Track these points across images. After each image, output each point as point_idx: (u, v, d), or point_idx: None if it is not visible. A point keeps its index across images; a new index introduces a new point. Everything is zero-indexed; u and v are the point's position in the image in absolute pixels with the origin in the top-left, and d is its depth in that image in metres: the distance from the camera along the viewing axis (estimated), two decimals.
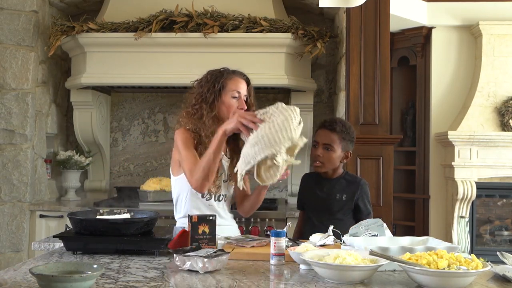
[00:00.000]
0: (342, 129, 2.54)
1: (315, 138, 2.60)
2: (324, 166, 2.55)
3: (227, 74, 2.30)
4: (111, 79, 3.84)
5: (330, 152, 2.53)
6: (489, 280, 1.63)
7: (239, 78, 2.31)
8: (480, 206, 5.09)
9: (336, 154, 2.54)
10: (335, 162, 2.55)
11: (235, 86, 2.28)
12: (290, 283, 1.58)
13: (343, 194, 2.55)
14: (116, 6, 3.97)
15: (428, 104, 5.09)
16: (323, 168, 2.56)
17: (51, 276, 1.35)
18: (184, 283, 1.54)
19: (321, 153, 2.53)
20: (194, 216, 1.93)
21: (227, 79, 2.29)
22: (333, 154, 2.53)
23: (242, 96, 2.29)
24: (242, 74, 2.33)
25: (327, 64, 4.42)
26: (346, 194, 2.55)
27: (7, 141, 3.88)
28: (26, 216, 3.85)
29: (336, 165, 2.58)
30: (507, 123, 4.78)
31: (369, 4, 3.50)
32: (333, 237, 2.11)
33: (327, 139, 2.54)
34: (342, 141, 2.54)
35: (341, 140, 2.53)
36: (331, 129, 2.54)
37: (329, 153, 2.53)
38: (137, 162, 4.45)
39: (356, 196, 2.55)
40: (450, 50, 5.04)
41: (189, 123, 2.27)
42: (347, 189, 2.56)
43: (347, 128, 2.57)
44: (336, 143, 2.53)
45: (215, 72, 2.32)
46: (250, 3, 3.89)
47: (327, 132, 2.55)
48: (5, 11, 3.90)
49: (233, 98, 2.27)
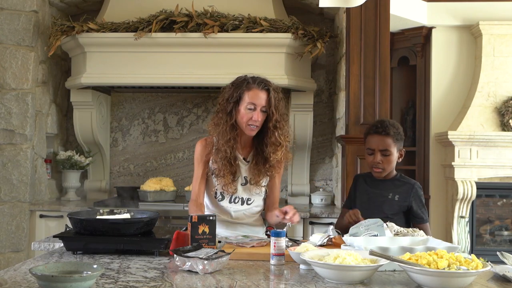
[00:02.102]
0: (395, 131, 2.56)
1: (369, 146, 2.58)
2: (385, 170, 2.57)
3: (247, 85, 2.35)
4: (111, 79, 3.84)
5: (388, 157, 2.54)
6: (489, 280, 1.63)
7: (257, 90, 2.33)
8: (480, 206, 5.09)
9: (394, 157, 2.56)
10: (393, 164, 2.59)
11: (251, 98, 2.32)
12: (290, 283, 1.58)
13: (396, 194, 2.56)
14: (116, 6, 3.97)
15: (428, 104, 5.09)
16: (384, 173, 2.58)
17: (51, 276, 1.36)
18: (184, 283, 1.54)
19: (380, 160, 2.54)
20: (194, 216, 1.93)
21: (245, 90, 2.34)
22: (391, 157, 2.55)
23: (259, 108, 2.32)
24: (262, 84, 2.34)
25: (327, 64, 4.42)
26: (399, 194, 2.56)
27: (7, 141, 3.88)
28: (26, 216, 3.85)
29: (394, 166, 2.61)
30: (507, 123, 4.78)
31: (369, 4, 3.50)
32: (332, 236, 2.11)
33: (383, 144, 2.54)
34: (396, 142, 2.56)
35: (395, 142, 2.55)
36: (385, 134, 2.54)
37: (387, 158, 2.54)
38: (137, 162, 4.45)
39: (410, 198, 2.55)
40: (450, 50, 5.04)
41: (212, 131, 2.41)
42: (401, 190, 2.57)
43: (397, 128, 2.59)
44: (392, 147, 2.54)
45: (238, 81, 2.39)
46: (250, 3, 3.89)
47: (382, 138, 2.55)
48: (5, 11, 3.90)
49: (249, 110, 2.32)
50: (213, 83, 3.74)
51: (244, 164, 2.42)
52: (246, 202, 2.44)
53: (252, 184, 2.41)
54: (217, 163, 2.38)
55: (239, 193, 2.43)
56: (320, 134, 4.38)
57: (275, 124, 2.33)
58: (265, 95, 2.33)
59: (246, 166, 2.41)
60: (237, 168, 2.39)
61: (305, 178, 4.24)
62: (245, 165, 2.42)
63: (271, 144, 2.34)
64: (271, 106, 2.32)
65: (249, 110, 2.31)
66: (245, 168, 2.41)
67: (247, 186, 2.42)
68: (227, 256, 1.73)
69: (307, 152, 4.20)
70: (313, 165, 4.34)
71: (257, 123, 2.32)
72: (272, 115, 2.33)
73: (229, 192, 2.40)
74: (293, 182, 4.22)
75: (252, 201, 2.46)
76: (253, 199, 2.46)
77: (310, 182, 4.27)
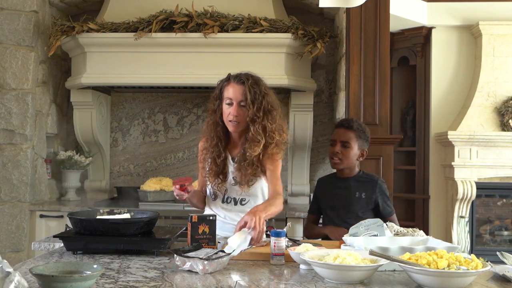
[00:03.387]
0: (359, 128, 2.65)
1: (333, 137, 2.69)
2: (342, 162, 2.64)
3: (225, 82, 2.35)
4: (111, 79, 3.84)
5: (347, 149, 2.63)
6: (489, 280, 1.63)
7: (233, 84, 2.31)
8: (480, 206, 5.09)
9: (353, 151, 2.63)
10: (352, 159, 2.64)
11: (227, 93, 2.31)
12: (290, 283, 1.58)
13: (362, 192, 2.62)
14: (116, 6, 3.97)
15: (428, 104, 5.09)
16: (341, 164, 2.65)
17: (51, 276, 1.35)
18: (184, 283, 1.54)
19: (339, 150, 2.63)
20: (194, 216, 1.94)
21: (224, 87, 2.34)
22: (350, 151, 2.63)
23: (236, 103, 2.29)
24: (238, 78, 2.31)
25: (327, 64, 4.42)
26: (365, 192, 2.62)
27: (7, 141, 3.88)
28: (26, 216, 3.85)
29: (353, 162, 2.66)
30: (507, 123, 4.79)
31: (369, 4, 3.50)
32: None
33: (344, 136, 2.63)
34: (359, 139, 2.64)
35: (357, 138, 2.63)
36: (348, 127, 2.65)
37: (346, 150, 2.63)
38: (137, 162, 4.44)
39: (375, 194, 2.62)
40: (450, 50, 5.04)
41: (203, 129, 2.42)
42: (366, 187, 2.63)
43: (363, 128, 2.68)
44: (352, 141, 2.63)
45: (220, 81, 2.38)
46: (250, 3, 3.89)
47: (344, 130, 2.65)
48: (5, 11, 3.90)
49: (227, 105, 2.30)
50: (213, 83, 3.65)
51: (232, 164, 2.38)
52: (239, 203, 2.39)
53: (243, 185, 2.34)
54: (207, 162, 2.37)
55: (230, 193, 2.39)
56: (320, 134, 4.38)
57: (253, 118, 2.26)
58: (242, 89, 2.28)
59: (233, 166, 2.37)
60: (226, 168, 2.36)
61: (305, 178, 4.24)
62: (232, 165, 2.37)
63: (248, 140, 2.29)
64: (247, 100, 2.26)
65: (227, 105, 2.30)
66: (233, 168, 2.37)
67: (237, 186, 2.37)
68: (227, 256, 1.73)
69: (307, 152, 4.19)
70: (313, 165, 4.34)
71: (235, 118, 2.27)
72: (249, 109, 2.26)
73: (221, 191, 2.38)
74: (293, 182, 4.22)
75: (246, 201, 2.39)
76: (247, 200, 2.39)
77: (310, 182, 4.27)
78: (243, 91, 2.27)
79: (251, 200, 2.39)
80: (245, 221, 2.02)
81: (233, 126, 2.30)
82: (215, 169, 2.35)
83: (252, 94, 2.27)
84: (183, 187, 2.23)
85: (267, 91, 2.33)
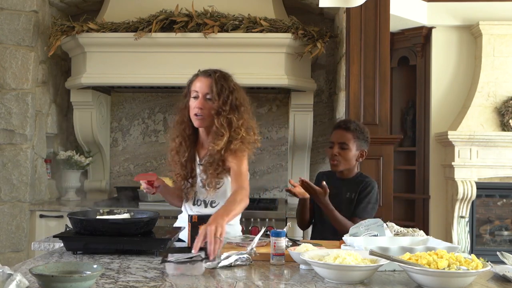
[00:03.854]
0: (356, 128, 2.62)
1: (331, 139, 2.67)
2: (341, 164, 2.61)
3: (193, 77, 2.31)
4: (111, 79, 3.84)
5: (346, 151, 2.60)
6: (489, 280, 1.63)
7: (200, 77, 2.27)
8: (480, 206, 5.09)
9: (352, 152, 2.61)
10: (351, 160, 2.62)
11: (194, 86, 2.26)
12: (290, 283, 1.58)
13: (352, 193, 2.60)
14: (116, 6, 3.97)
15: (428, 104, 5.09)
16: (339, 166, 2.62)
17: (51, 276, 1.35)
18: (184, 283, 1.54)
19: (337, 152, 2.60)
20: (194, 216, 1.94)
21: (191, 82, 2.30)
22: (349, 152, 2.60)
23: (201, 95, 2.23)
24: (205, 72, 2.27)
25: (327, 64, 4.42)
26: (355, 193, 2.60)
27: (7, 141, 3.88)
28: (26, 216, 3.85)
29: (352, 163, 2.64)
30: (507, 123, 4.78)
31: (369, 4, 3.50)
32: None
33: (342, 138, 2.61)
34: (357, 140, 2.61)
35: (355, 139, 2.61)
36: (345, 128, 2.62)
37: (345, 152, 2.60)
38: (137, 162, 4.44)
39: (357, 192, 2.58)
40: (450, 50, 5.04)
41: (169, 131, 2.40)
42: (356, 189, 2.60)
43: (361, 128, 2.65)
44: (350, 142, 2.60)
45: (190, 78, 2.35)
46: (250, 3, 3.89)
47: (342, 132, 2.62)
48: (5, 11, 3.90)
49: (193, 99, 2.25)
50: None
51: (198, 166, 2.33)
52: (210, 205, 2.33)
53: (209, 188, 2.25)
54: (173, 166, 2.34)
55: (199, 195, 2.34)
56: (320, 134, 4.38)
57: (218, 111, 2.19)
58: (208, 82, 2.22)
59: (200, 168, 2.31)
60: (194, 172, 2.31)
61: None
62: (199, 167, 2.32)
63: (212, 134, 2.22)
64: (213, 92, 2.20)
65: (193, 99, 2.24)
66: (199, 170, 2.32)
67: (205, 188, 2.29)
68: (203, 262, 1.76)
69: (307, 152, 4.19)
70: (313, 165, 4.34)
71: (200, 111, 2.20)
72: (215, 101, 2.20)
73: (191, 194, 2.34)
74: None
75: (217, 204, 2.31)
76: (218, 202, 2.31)
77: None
78: (209, 83, 2.22)
79: (221, 202, 2.26)
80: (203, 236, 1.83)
81: (198, 120, 2.23)
82: (183, 173, 2.31)
83: (218, 87, 2.21)
84: (150, 182, 2.21)
85: (236, 87, 2.27)
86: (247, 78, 3.75)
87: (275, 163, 4.38)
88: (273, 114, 4.39)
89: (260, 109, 4.37)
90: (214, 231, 1.81)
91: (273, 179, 4.38)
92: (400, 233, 2.07)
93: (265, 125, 4.36)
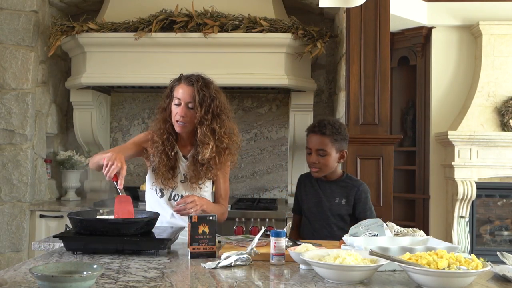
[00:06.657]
0: (332, 131, 2.47)
1: (307, 145, 2.53)
2: (322, 171, 2.50)
3: (175, 82, 2.37)
4: (111, 79, 3.84)
5: (325, 157, 2.47)
6: (489, 280, 1.63)
7: (182, 85, 2.33)
8: (480, 206, 5.09)
9: (332, 157, 2.48)
10: (331, 165, 2.50)
11: (176, 93, 2.33)
12: (290, 283, 1.58)
13: (342, 198, 2.50)
14: (116, 6, 3.97)
15: (428, 104, 5.09)
16: (321, 173, 2.51)
17: (51, 276, 1.35)
18: (184, 283, 1.54)
19: (316, 160, 2.48)
20: (194, 216, 1.93)
21: (174, 87, 2.36)
22: (328, 158, 2.47)
23: (183, 104, 2.30)
24: (188, 80, 2.33)
25: (327, 64, 4.42)
26: (345, 198, 2.50)
27: (7, 141, 3.88)
28: (26, 216, 3.85)
29: (334, 167, 2.53)
30: (507, 123, 4.78)
31: (369, 4, 3.50)
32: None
33: (319, 144, 2.47)
34: (335, 142, 2.47)
35: (333, 142, 2.47)
36: (321, 133, 2.47)
37: (324, 158, 2.47)
38: (137, 162, 4.44)
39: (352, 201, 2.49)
40: (450, 50, 5.04)
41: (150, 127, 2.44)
42: (347, 194, 2.51)
43: (337, 129, 2.49)
44: (328, 147, 2.46)
45: (172, 80, 2.40)
46: (250, 3, 3.89)
47: (318, 137, 2.48)
48: (5, 11, 3.90)
49: (175, 106, 2.32)
50: None
51: (183, 162, 2.39)
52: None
53: (192, 183, 2.35)
54: (156, 157, 2.36)
55: (178, 190, 2.38)
56: None
57: (201, 121, 2.28)
58: (190, 91, 2.30)
59: (185, 163, 2.38)
60: (177, 164, 2.37)
61: None
62: (184, 163, 2.39)
63: (198, 142, 2.31)
64: (195, 102, 2.28)
65: (175, 105, 2.32)
66: (184, 166, 2.38)
67: (187, 183, 2.37)
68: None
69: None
70: None
71: (182, 119, 2.30)
72: (197, 111, 2.28)
73: (169, 188, 2.36)
74: (293, 182, 4.22)
75: None
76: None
77: None
78: (191, 92, 2.30)
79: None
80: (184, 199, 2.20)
81: (180, 127, 2.33)
82: (166, 163, 2.33)
83: (200, 96, 2.28)
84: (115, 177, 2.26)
85: (216, 94, 2.34)
86: (247, 78, 3.76)
87: (275, 163, 4.38)
88: (273, 114, 4.39)
89: (260, 109, 4.37)
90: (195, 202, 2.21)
91: (273, 179, 4.38)
92: (400, 233, 2.07)
93: (265, 125, 4.36)
